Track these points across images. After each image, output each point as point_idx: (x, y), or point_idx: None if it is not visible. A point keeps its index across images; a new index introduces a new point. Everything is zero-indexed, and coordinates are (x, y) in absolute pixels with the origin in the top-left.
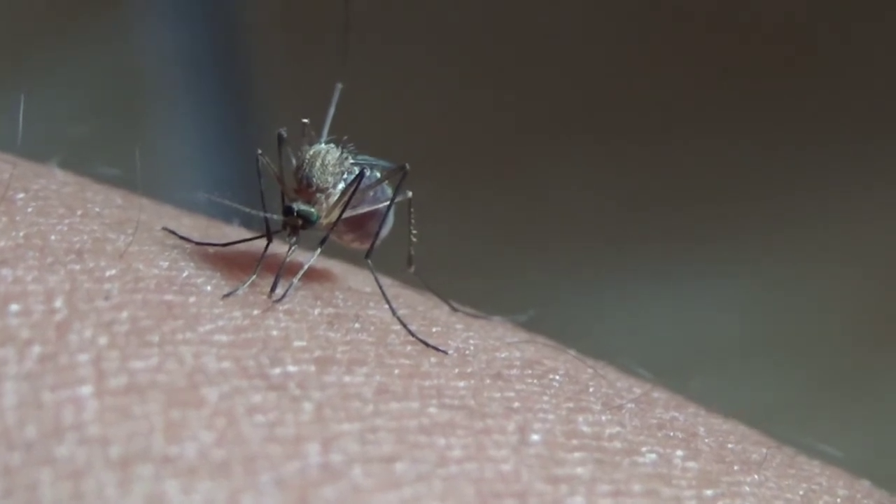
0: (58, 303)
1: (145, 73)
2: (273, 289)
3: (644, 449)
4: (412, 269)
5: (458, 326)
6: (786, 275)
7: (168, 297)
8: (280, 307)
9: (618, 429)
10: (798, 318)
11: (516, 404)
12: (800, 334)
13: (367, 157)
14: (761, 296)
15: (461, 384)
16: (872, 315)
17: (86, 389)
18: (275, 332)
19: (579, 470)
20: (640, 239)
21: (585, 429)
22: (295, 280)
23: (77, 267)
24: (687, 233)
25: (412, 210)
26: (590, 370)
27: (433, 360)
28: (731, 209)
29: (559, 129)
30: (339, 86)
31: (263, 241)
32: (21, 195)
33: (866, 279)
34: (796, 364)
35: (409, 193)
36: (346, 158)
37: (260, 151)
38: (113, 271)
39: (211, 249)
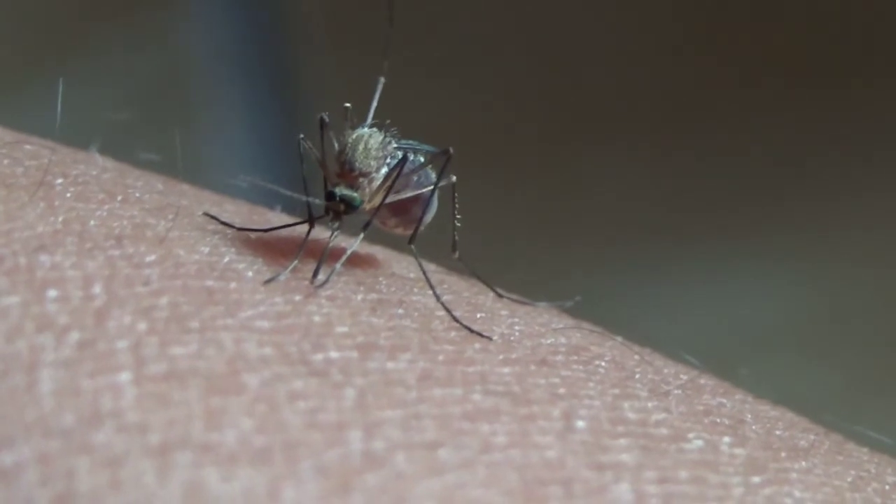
0: (96, 288)
1: (185, 58)
2: (315, 274)
3: (691, 435)
4: (456, 255)
5: (503, 312)
6: (834, 263)
7: (208, 282)
8: (322, 293)
9: (664, 415)
10: (846, 305)
11: (561, 390)
12: (847, 322)
13: (410, 142)
14: (808, 283)
15: (506, 370)
16: None
17: (124, 376)
18: (317, 318)
19: (625, 457)
20: (688, 225)
21: (631, 415)
22: (337, 266)
23: (116, 252)
24: (735, 220)
25: (456, 195)
26: (636, 357)
27: (477, 346)
28: (780, 198)
29: (605, 117)
30: (382, 80)
31: (305, 227)
32: (60, 180)
33: None
34: (845, 352)
35: (454, 178)
36: (390, 143)
37: (302, 136)
38: (153, 257)
39: (252, 235)
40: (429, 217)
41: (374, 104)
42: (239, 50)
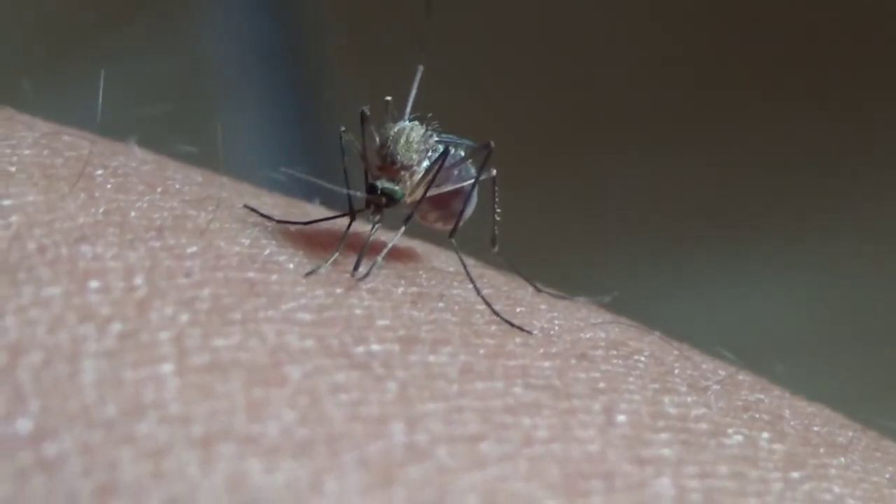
0: (138, 280)
1: (223, 51)
2: (356, 267)
3: (730, 430)
4: (496, 249)
5: (543, 307)
6: (856, 268)
7: (250, 274)
8: (363, 286)
9: (703, 410)
10: (881, 303)
11: (602, 385)
12: (883, 319)
13: (451, 136)
14: (843, 281)
15: (546, 364)
16: None
17: (167, 367)
18: (358, 311)
19: (665, 451)
20: (724, 221)
21: (671, 410)
22: (378, 259)
23: (157, 244)
24: (773, 219)
25: (497, 189)
26: (675, 352)
27: (518, 340)
28: (801, 202)
29: (644, 110)
30: (421, 68)
31: (346, 220)
32: (100, 171)
33: None
34: (881, 349)
35: (494, 172)
36: (431, 136)
37: (343, 128)
38: (194, 248)
39: (293, 227)
40: (469, 211)
41: (413, 92)
42: (275, 42)
